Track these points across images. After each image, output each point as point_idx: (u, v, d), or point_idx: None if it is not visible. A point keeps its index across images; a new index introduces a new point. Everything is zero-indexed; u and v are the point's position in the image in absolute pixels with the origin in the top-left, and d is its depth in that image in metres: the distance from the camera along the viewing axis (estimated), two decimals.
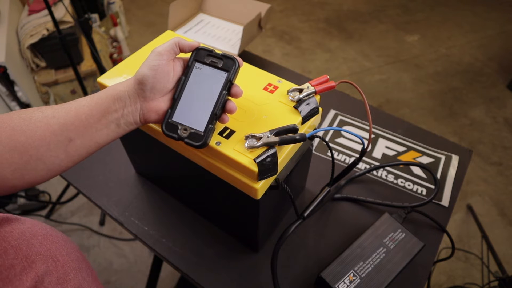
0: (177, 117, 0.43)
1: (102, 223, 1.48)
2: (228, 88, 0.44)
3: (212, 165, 0.47)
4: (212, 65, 0.44)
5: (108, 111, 0.40)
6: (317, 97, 0.50)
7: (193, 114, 0.43)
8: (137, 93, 0.42)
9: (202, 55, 0.45)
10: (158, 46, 0.43)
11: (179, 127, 0.43)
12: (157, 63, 0.41)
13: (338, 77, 2.12)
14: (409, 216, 0.65)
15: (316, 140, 0.79)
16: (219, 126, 0.47)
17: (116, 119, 0.41)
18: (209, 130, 0.43)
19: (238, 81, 0.47)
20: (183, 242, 0.64)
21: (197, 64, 0.45)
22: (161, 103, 0.43)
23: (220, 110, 0.43)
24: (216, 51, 0.45)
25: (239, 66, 0.44)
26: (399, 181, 0.73)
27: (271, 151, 0.43)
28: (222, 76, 0.44)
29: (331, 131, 0.84)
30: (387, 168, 0.75)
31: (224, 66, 0.44)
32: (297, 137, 0.44)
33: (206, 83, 0.44)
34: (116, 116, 0.41)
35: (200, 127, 0.43)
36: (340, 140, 0.82)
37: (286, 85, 0.53)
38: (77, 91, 1.81)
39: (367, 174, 0.74)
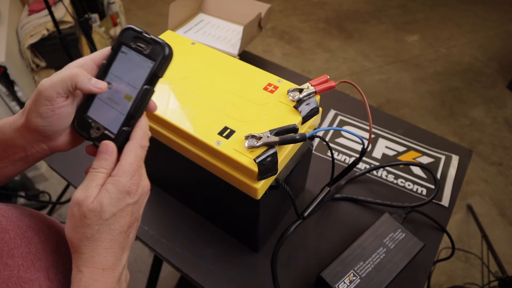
0: (92, 112, 0.36)
1: None
2: (153, 82, 0.35)
3: (212, 165, 0.47)
4: (138, 50, 0.35)
5: (6, 155, 0.35)
6: (317, 97, 0.50)
7: (110, 111, 0.35)
8: (36, 139, 0.35)
9: (129, 37, 0.35)
10: (45, 82, 0.33)
11: (93, 125, 0.35)
12: (49, 109, 0.33)
13: (338, 77, 2.12)
14: (409, 216, 0.65)
15: (316, 140, 0.79)
16: (219, 126, 0.47)
17: (21, 159, 0.36)
18: (122, 133, 0.35)
19: (239, 80, 0.47)
20: (183, 242, 0.64)
21: (123, 48, 0.36)
22: (68, 136, 0.37)
23: (138, 111, 0.35)
24: (148, 35, 0.35)
25: (169, 55, 0.35)
26: (399, 181, 0.73)
27: (271, 151, 0.43)
28: (148, 66, 0.35)
29: (331, 131, 0.84)
30: (387, 168, 0.75)
31: (151, 54, 0.35)
32: (297, 137, 0.44)
33: (130, 73, 0.35)
34: (20, 157, 0.36)
35: (114, 128, 0.35)
36: (340, 140, 0.82)
37: (286, 85, 0.52)
38: None
39: (367, 174, 0.74)
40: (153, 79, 0.35)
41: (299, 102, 0.49)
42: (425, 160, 0.77)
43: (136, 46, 0.35)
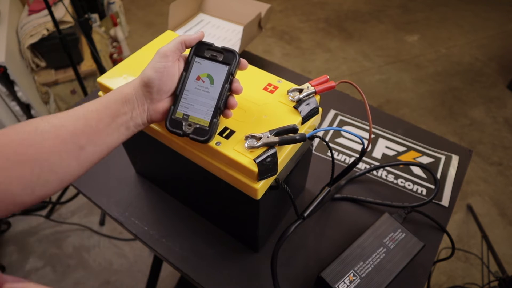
0: (182, 111, 0.44)
1: (102, 223, 1.48)
2: (230, 81, 0.44)
3: (212, 165, 0.47)
4: (213, 59, 0.44)
5: (118, 114, 0.40)
6: (317, 97, 0.50)
7: (196, 109, 0.43)
8: (144, 95, 0.42)
9: (202, 50, 0.45)
10: (163, 47, 0.42)
11: (184, 123, 0.43)
12: (163, 65, 0.41)
13: (338, 77, 2.12)
14: (409, 216, 0.65)
15: (316, 140, 0.79)
16: (219, 126, 0.47)
17: (126, 121, 0.41)
18: (213, 124, 0.43)
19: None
20: (183, 242, 0.64)
21: (197, 59, 0.45)
22: (166, 103, 0.44)
23: (223, 105, 0.43)
24: (216, 44, 0.45)
25: (239, 59, 0.44)
26: (399, 181, 0.73)
27: (271, 151, 0.43)
28: (223, 69, 0.44)
29: (331, 131, 0.84)
30: (387, 168, 0.75)
31: (224, 60, 0.44)
32: (297, 137, 0.44)
33: (208, 78, 0.44)
34: (126, 119, 0.41)
35: (205, 122, 0.43)
36: (340, 140, 0.82)
37: (286, 85, 0.52)
38: (77, 91, 1.80)
39: (367, 174, 0.74)
40: (230, 78, 0.43)
41: (299, 102, 0.49)
42: (425, 160, 0.77)
43: (210, 56, 0.44)
